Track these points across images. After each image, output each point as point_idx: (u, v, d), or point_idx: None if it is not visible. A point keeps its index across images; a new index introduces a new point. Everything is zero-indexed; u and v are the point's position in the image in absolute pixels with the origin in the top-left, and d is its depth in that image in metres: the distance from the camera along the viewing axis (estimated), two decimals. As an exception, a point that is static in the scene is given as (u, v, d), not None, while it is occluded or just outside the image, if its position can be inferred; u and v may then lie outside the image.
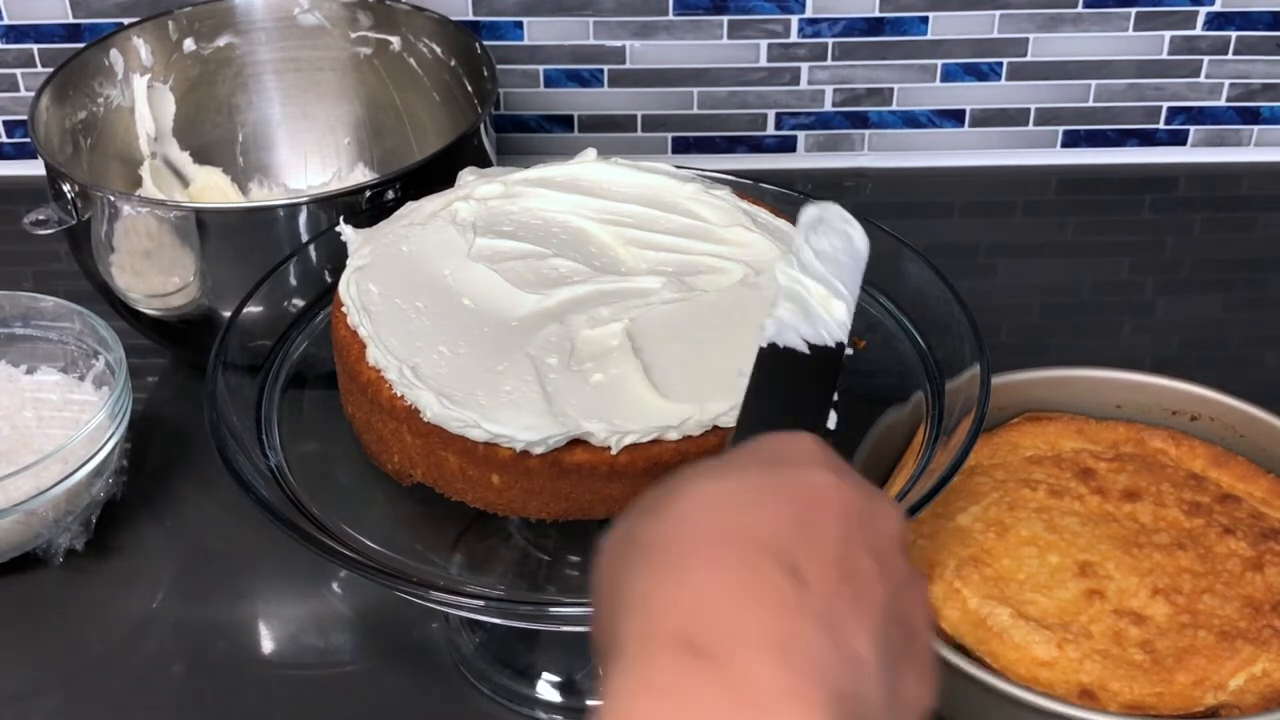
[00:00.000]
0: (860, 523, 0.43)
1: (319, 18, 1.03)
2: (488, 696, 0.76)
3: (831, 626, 0.39)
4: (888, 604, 0.41)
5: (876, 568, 0.42)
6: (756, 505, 0.41)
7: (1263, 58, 1.12)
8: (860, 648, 0.39)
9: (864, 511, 0.43)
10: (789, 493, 0.42)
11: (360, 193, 0.85)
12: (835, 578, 0.40)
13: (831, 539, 0.41)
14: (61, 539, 0.82)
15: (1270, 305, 1.03)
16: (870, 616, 0.40)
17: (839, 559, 0.41)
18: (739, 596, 0.39)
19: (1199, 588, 0.73)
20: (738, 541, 0.40)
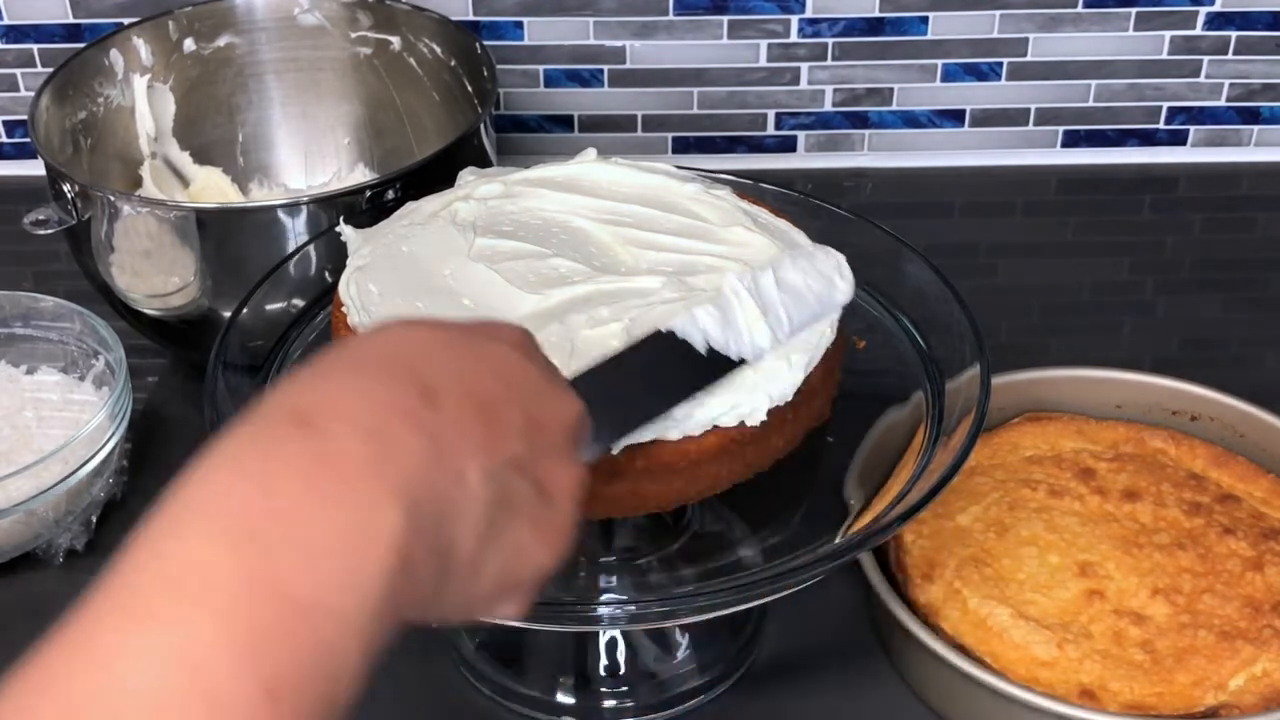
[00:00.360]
0: (525, 391, 0.46)
1: (319, 18, 1.03)
2: (488, 696, 0.76)
3: (442, 446, 0.41)
4: (523, 459, 0.44)
5: (522, 426, 0.45)
6: (431, 346, 0.45)
7: (1263, 58, 1.12)
8: (469, 476, 0.42)
9: (536, 388, 0.47)
10: (469, 350, 0.46)
11: (360, 193, 0.85)
12: (471, 415, 0.43)
13: (484, 387, 0.44)
14: (61, 539, 0.82)
15: (1270, 305, 1.03)
16: (491, 458, 0.43)
17: (484, 404, 0.44)
18: (362, 393, 0.42)
19: (1199, 588, 0.73)
20: (391, 361, 0.43)
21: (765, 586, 0.65)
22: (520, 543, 0.45)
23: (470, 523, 0.42)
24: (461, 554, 0.42)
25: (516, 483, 0.44)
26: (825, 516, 0.71)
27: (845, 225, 0.79)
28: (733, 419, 0.64)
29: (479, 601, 0.45)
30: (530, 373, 0.47)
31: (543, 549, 0.46)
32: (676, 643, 0.78)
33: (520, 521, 0.45)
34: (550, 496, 0.46)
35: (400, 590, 0.39)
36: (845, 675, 0.77)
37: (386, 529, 0.39)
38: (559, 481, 0.47)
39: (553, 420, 0.47)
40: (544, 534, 0.46)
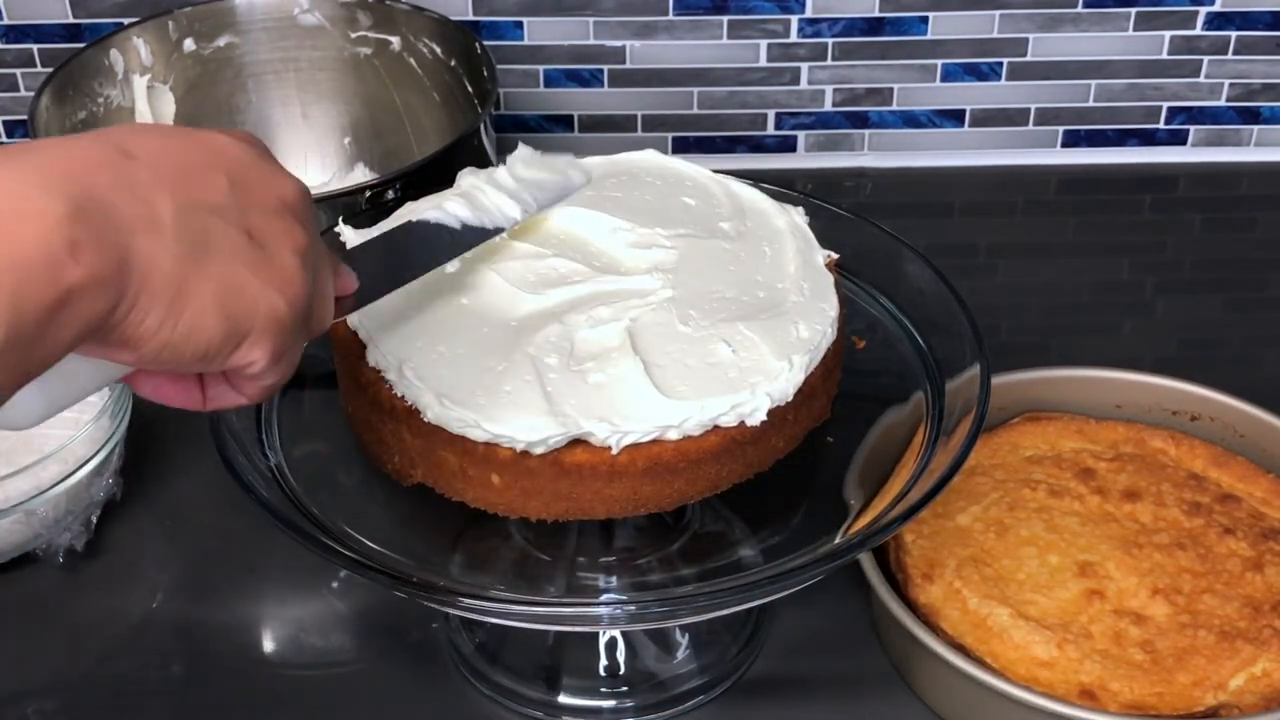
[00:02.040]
0: (234, 164, 0.50)
1: (319, 18, 1.03)
2: (487, 696, 0.76)
3: (129, 179, 0.46)
4: (226, 208, 0.49)
5: (226, 186, 0.49)
6: (145, 130, 0.50)
7: (1263, 58, 1.12)
8: (157, 205, 0.46)
9: (248, 163, 0.51)
10: (183, 134, 0.50)
11: (360, 193, 0.85)
12: (167, 169, 0.47)
13: (188, 157, 0.49)
14: (61, 539, 0.82)
15: (1270, 305, 1.03)
16: (185, 198, 0.47)
17: (184, 164, 0.48)
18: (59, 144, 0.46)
19: (1199, 588, 0.73)
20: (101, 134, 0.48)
21: (765, 586, 0.65)
22: (238, 278, 0.48)
23: (163, 242, 0.46)
24: (156, 271, 0.45)
25: (220, 225, 0.48)
26: (825, 516, 0.71)
27: (845, 225, 0.79)
28: (733, 419, 0.64)
29: (211, 334, 0.48)
30: (245, 154, 0.51)
31: (268, 289, 0.49)
32: (676, 643, 0.78)
33: (233, 259, 0.48)
34: (264, 244, 0.50)
35: (66, 273, 0.42)
36: (845, 675, 0.77)
37: (41, 208, 0.42)
38: (274, 236, 0.50)
39: (266, 188, 0.51)
40: (264, 275, 0.49)
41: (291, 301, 0.51)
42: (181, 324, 0.47)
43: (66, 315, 0.43)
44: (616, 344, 0.66)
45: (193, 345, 0.48)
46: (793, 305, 0.69)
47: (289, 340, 0.51)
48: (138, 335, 0.46)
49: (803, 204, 0.77)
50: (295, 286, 0.51)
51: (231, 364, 0.50)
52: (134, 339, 0.46)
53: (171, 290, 0.46)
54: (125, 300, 0.45)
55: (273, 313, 0.50)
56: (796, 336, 0.67)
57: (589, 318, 0.67)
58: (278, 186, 0.52)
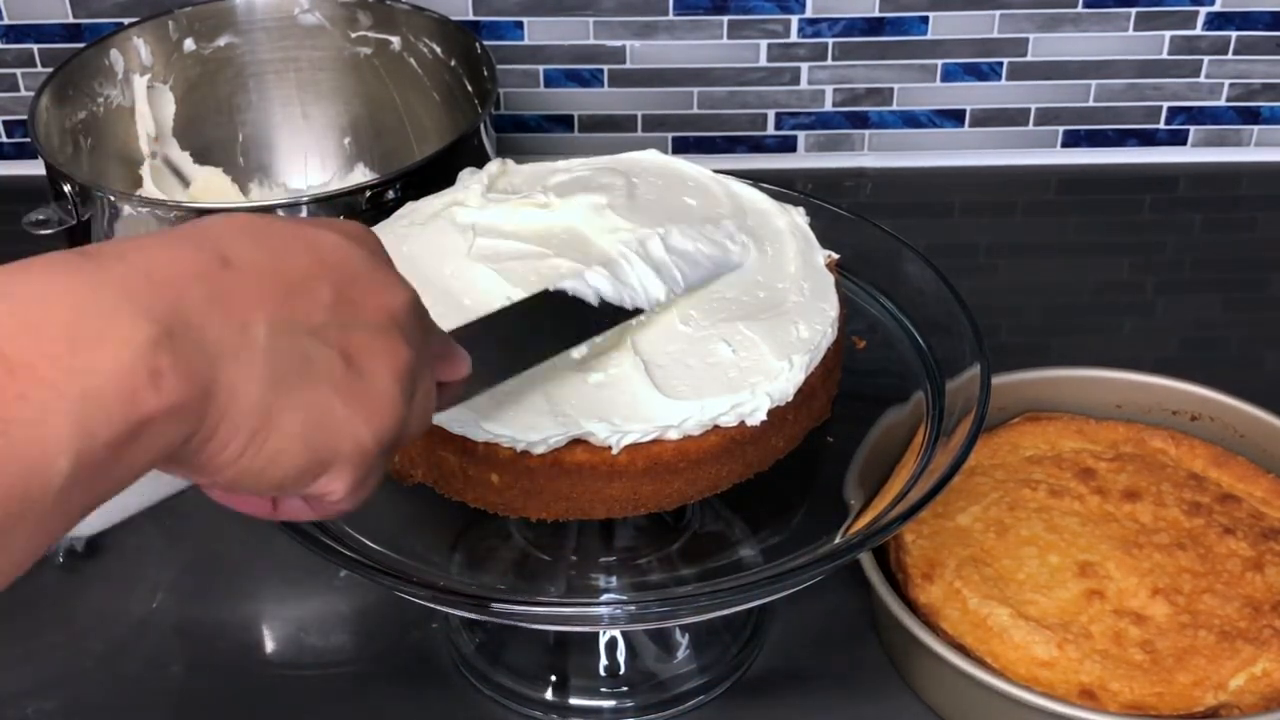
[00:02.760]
0: (342, 271, 0.47)
1: (319, 18, 1.03)
2: (488, 696, 0.76)
3: (225, 296, 0.42)
4: (327, 327, 0.45)
5: (331, 300, 0.45)
6: (247, 225, 0.46)
7: (1263, 58, 1.12)
8: (254, 328, 0.43)
9: (357, 270, 0.47)
10: (288, 231, 0.47)
11: (360, 193, 0.85)
12: (268, 280, 0.44)
13: (293, 263, 0.45)
14: (61, 539, 0.82)
15: (1270, 305, 1.03)
16: (284, 317, 0.44)
17: (287, 274, 0.45)
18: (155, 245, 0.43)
19: (1199, 588, 0.73)
20: (199, 232, 0.45)
21: (765, 586, 0.65)
22: (327, 408, 0.45)
23: (252, 370, 0.43)
24: (241, 399, 0.42)
25: (317, 348, 0.45)
26: (825, 516, 0.71)
27: (845, 225, 0.79)
28: (733, 419, 0.64)
29: (291, 466, 0.45)
30: (354, 257, 0.48)
31: (356, 419, 0.46)
32: (676, 643, 0.78)
33: (324, 387, 0.45)
34: (361, 369, 0.46)
35: (144, 403, 0.39)
36: (845, 676, 0.77)
37: (125, 333, 0.39)
38: (374, 357, 0.47)
39: (372, 300, 0.48)
40: (356, 404, 0.46)
41: (379, 434, 0.47)
42: (262, 455, 0.44)
43: (141, 444, 0.40)
44: (616, 344, 0.66)
45: (270, 476, 0.45)
46: (793, 305, 0.69)
47: (372, 469, 0.48)
48: (215, 464, 0.43)
49: (803, 204, 0.77)
50: (387, 417, 0.47)
51: (309, 493, 0.47)
52: (210, 467, 0.43)
53: (256, 420, 0.43)
54: (204, 429, 0.42)
55: (358, 446, 0.47)
56: (796, 336, 0.67)
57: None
58: (387, 298, 0.48)
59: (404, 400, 0.48)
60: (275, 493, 0.47)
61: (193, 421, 0.41)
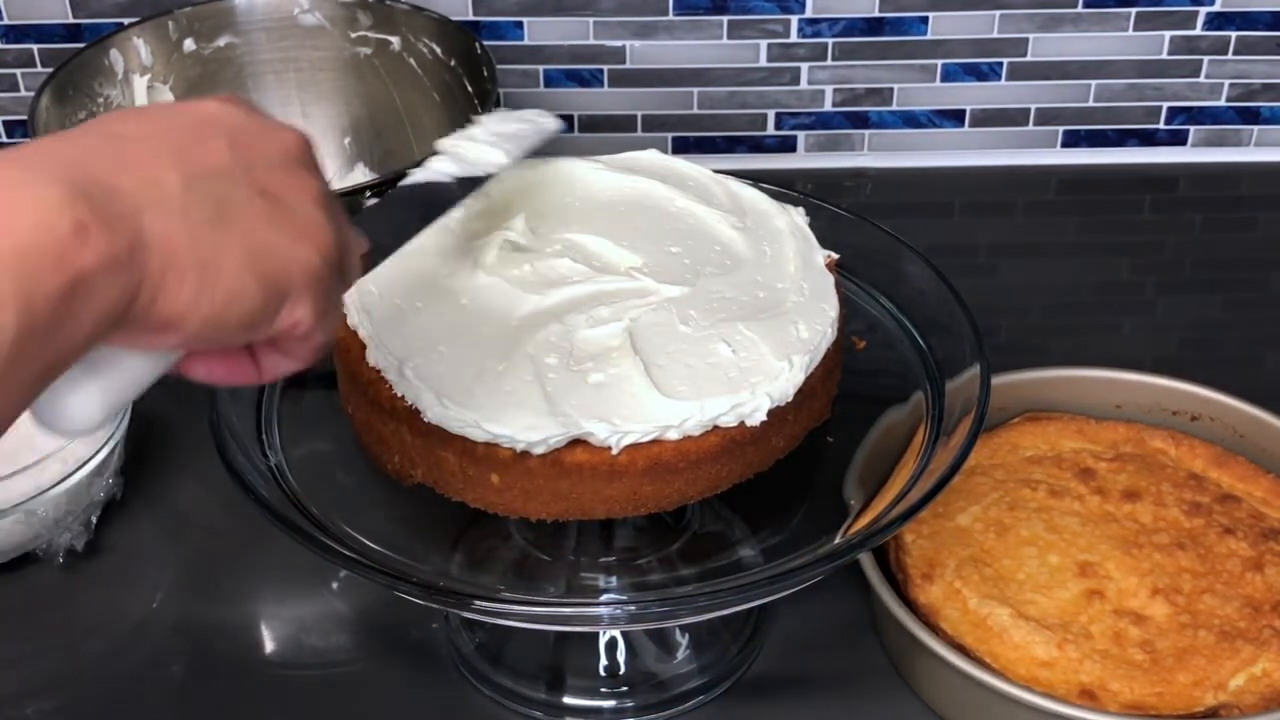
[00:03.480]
0: (230, 125, 0.49)
1: (319, 18, 1.03)
2: (488, 696, 0.76)
3: (127, 157, 0.45)
4: (232, 169, 0.47)
5: (227, 147, 0.48)
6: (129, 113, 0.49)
7: (1263, 58, 1.12)
8: (163, 179, 0.45)
9: (244, 122, 0.49)
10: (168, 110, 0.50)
11: (360, 193, 0.85)
12: (162, 140, 0.46)
13: (180, 125, 0.48)
14: (61, 539, 0.82)
15: (1270, 305, 1.03)
16: (190, 168, 0.46)
17: (178, 133, 0.47)
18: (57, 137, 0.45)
19: (1199, 588, 0.73)
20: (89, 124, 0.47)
21: (765, 586, 0.65)
22: (263, 238, 0.47)
23: (175, 216, 0.44)
24: (176, 243, 0.44)
25: (230, 188, 0.47)
26: (825, 516, 0.71)
27: (845, 225, 0.79)
28: (733, 419, 0.64)
29: (250, 301, 0.46)
30: (236, 114, 0.50)
31: (295, 244, 0.48)
32: (676, 643, 0.78)
33: (252, 220, 0.47)
34: (280, 199, 0.48)
35: (74, 256, 0.41)
36: (845, 676, 0.77)
37: (40, 195, 0.41)
38: (288, 188, 0.49)
39: (266, 143, 0.50)
40: (289, 230, 0.48)
41: (323, 251, 0.49)
42: (219, 294, 0.45)
43: (84, 301, 0.41)
44: (616, 344, 0.66)
45: (235, 314, 0.46)
46: (793, 305, 0.69)
47: (329, 293, 0.50)
48: (176, 314, 0.45)
49: (803, 204, 0.77)
50: (324, 235, 0.49)
51: (278, 327, 0.48)
52: (174, 319, 0.45)
53: (198, 262, 0.45)
54: (149, 281, 0.43)
55: (308, 266, 0.48)
56: (796, 336, 0.67)
57: (589, 318, 0.67)
58: (279, 139, 0.51)
59: (331, 222, 0.50)
60: (245, 337, 0.48)
61: (132, 273, 0.43)
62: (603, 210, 0.75)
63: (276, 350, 0.51)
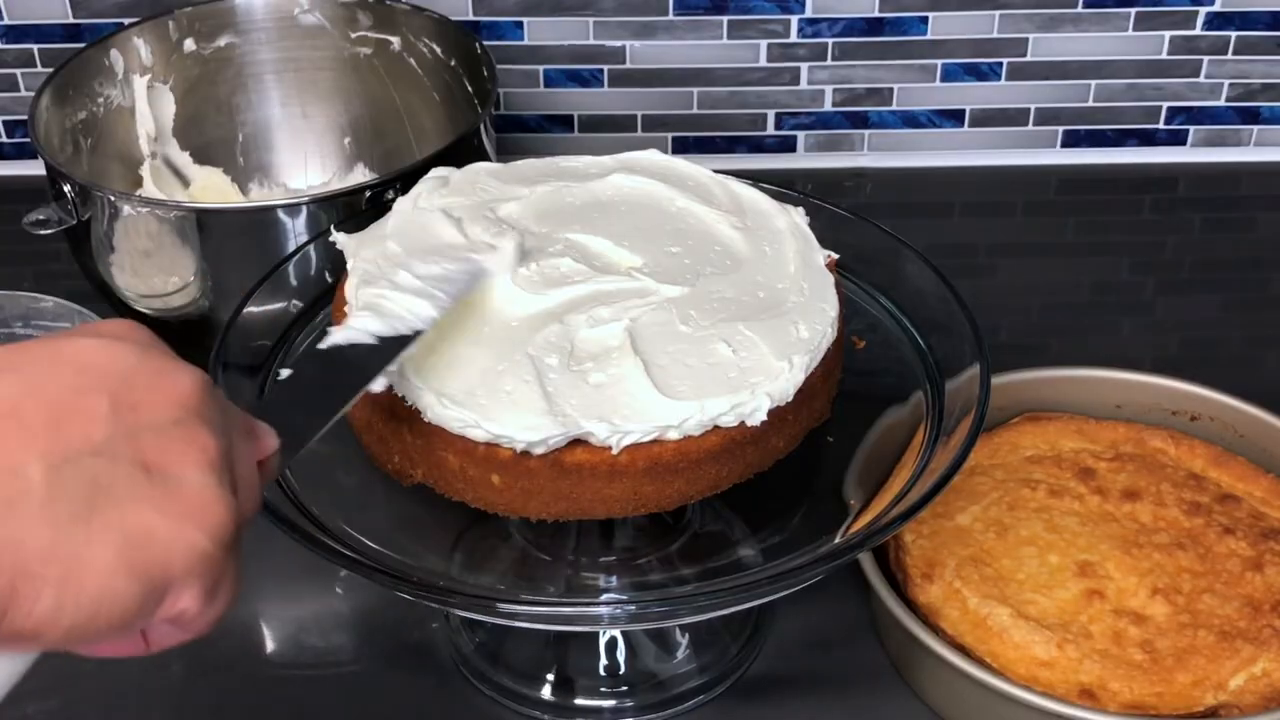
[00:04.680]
0: (114, 377, 0.44)
1: (319, 18, 1.03)
2: (488, 696, 0.76)
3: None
4: (111, 443, 0.42)
5: (108, 411, 0.42)
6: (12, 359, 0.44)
7: (1263, 58, 1.12)
8: (27, 469, 0.40)
9: (132, 371, 0.44)
10: (44, 352, 0.44)
11: (360, 193, 0.85)
12: (31, 413, 0.41)
13: (54, 384, 0.43)
14: None
15: (1270, 305, 1.03)
16: (58, 448, 0.41)
17: (50, 400, 0.42)
18: None
19: (1199, 587, 0.73)
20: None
21: (765, 586, 0.65)
22: (141, 526, 0.42)
23: (34, 515, 0.40)
24: (31, 548, 0.40)
25: (106, 467, 0.42)
26: (825, 516, 0.71)
27: (845, 225, 0.79)
28: (733, 419, 0.64)
29: (123, 603, 0.42)
30: (121, 357, 0.45)
31: (181, 527, 0.43)
32: (676, 643, 0.78)
33: (129, 505, 0.42)
34: (166, 473, 0.43)
35: None
36: (845, 676, 0.77)
37: None
38: (176, 455, 0.44)
39: (155, 396, 0.44)
40: (173, 511, 0.43)
41: (212, 531, 0.43)
42: (84, 600, 0.40)
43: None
44: (617, 344, 0.66)
45: (105, 617, 0.41)
46: (793, 305, 0.69)
47: (223, 573, 0.45)
48: (34, 627, 0.40)
49: (803, 204, 0.77)
50: (214, 511, 0.44)
51: (160, 618, 0.44)
52: (31, 631, 0.40)
53: (59, 567, 0.40)
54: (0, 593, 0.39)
55: (193, 551, 0.43)
56: (796, 336, 0.67)
57: (589, 318, 0.67)
58: (170, 389, 0.45)
59: (224, 489, 0.45)
60: (120, 636, 0.43)
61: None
62: (603, 210, 0.75)
63: (165, 624, 0.46)
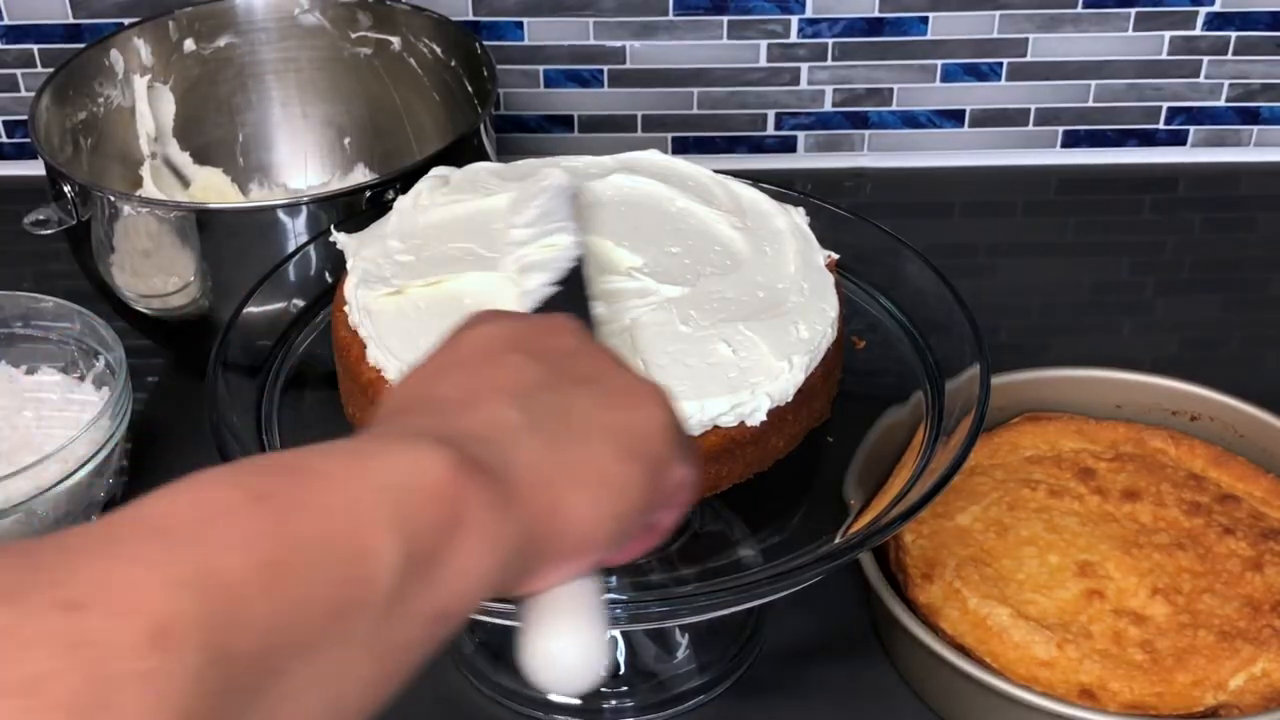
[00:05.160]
0: (511, 342, 0.48)
1: (319, 18, 1.03)
2: (487, 696, 0.76)
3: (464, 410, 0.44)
4: (545, 376, 0.46)
5: (524, 359, 0.47)
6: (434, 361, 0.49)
7: (1263, 58, 1.12)
8: (502, 413, 0.44)
9: (518, 332, 0.49)
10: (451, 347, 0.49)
11: (360, 193, 0.85)
12: (472, 370, 0.46)
13: (472, 354, 0.48)
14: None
15: (1270, 305, 1.03)
16: (514, 391, 0.45)
17: (477, 361, 0.47)
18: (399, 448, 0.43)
19: (1199, 588, 0.73)
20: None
21: (765, 586, 0.65)
22: (613, 420, 0.46)
23: (532, 445, 0.43)
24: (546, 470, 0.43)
25: (556, 394, 0.46)
26: (825, 516, 0.71)
27: (845, 225, 0.79)
28: (733, 419, 0.64)
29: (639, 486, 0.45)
30: (504, 324, 0.50)
31: (641, 411, 0.47)
32: (676, 643, 0.78)
33: (594, 410, 0.46)
34: (596, 380, 0.47)
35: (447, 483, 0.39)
36: (845, 675, 0.77)
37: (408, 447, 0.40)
38: (596, 366, 0.48)
39: (550, 338, 0.49)
40: (626, 403, 0.47)
41: (664, 403, 0.48)
42: (612, 496, 0.44)
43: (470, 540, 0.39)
44: (616, 344, 0.66)
45: (631, 507, 0.45)
46: (793, 305, 0.69)
47: (683, 433, 0.49)
48: (583, 532, 0.43)
49: (803, 204, 0.77)
50: (653, 390, 0.48)
51: (663, 495, 0.47)
52: (582, 537, 0.43)
53: (575, 475, 0.44)
54: (539, 514, 0.42)
55: (663, 423, 0.47)
56: (796, 337, 0.67)
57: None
58: (554, 328, 0.50)
59: (631, 362, 0.49)
60: (645, 519, 0.47)
61: (517, 510, 0.41)
62: (603, 210, 0.75)
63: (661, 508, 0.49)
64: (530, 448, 0.43)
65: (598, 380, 0.47)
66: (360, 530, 0.37)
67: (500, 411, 0.44)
